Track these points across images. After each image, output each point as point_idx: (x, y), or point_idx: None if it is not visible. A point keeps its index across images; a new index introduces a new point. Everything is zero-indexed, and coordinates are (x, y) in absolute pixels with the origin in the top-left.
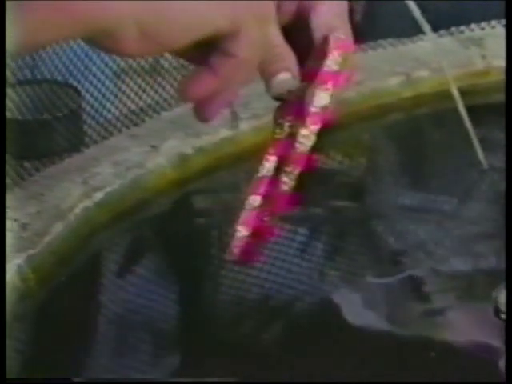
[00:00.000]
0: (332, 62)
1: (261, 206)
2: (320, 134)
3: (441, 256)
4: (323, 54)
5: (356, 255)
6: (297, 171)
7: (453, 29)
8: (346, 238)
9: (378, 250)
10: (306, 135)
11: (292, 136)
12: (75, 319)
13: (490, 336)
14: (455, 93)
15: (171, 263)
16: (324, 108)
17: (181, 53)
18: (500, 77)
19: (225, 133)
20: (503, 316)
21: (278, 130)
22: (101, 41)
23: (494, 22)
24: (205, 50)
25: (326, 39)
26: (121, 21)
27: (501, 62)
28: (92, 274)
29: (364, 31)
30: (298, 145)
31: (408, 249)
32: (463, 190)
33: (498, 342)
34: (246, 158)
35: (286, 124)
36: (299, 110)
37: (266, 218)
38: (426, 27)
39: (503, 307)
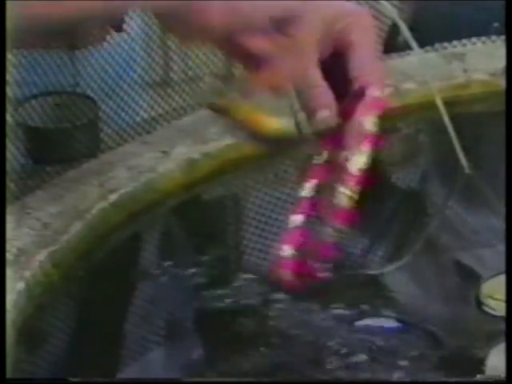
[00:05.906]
0: (369, 123)
1: (302, 226)
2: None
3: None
4: (357, 104)
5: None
6: (336, 225)
7: (437, 45)
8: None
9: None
10: (345, 193)
11: (329, 163)
12: (93, 311)
13: None
14: (439, 103)
15: (181, 259)
16: (362, 167)
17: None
18: (479, 89)
19: (229, 140)
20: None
21: (317, 156)
22: (186, 11)
23: (474, 39)
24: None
25: (361, 90)
26: None
27: (480, 76)
28: (108, 268)
29: None
30: (336, 201)
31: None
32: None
33: None
34: (249, 163)
35: (325, 152)
36: (336, 141)
37: (308, 263)
38: (413, 44)
39: (490, 371)
